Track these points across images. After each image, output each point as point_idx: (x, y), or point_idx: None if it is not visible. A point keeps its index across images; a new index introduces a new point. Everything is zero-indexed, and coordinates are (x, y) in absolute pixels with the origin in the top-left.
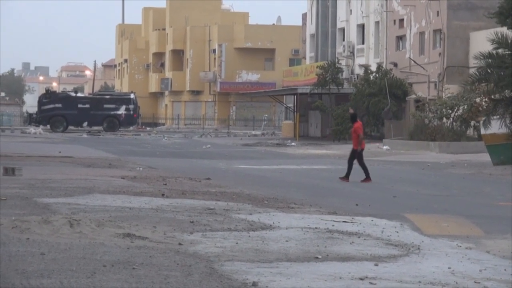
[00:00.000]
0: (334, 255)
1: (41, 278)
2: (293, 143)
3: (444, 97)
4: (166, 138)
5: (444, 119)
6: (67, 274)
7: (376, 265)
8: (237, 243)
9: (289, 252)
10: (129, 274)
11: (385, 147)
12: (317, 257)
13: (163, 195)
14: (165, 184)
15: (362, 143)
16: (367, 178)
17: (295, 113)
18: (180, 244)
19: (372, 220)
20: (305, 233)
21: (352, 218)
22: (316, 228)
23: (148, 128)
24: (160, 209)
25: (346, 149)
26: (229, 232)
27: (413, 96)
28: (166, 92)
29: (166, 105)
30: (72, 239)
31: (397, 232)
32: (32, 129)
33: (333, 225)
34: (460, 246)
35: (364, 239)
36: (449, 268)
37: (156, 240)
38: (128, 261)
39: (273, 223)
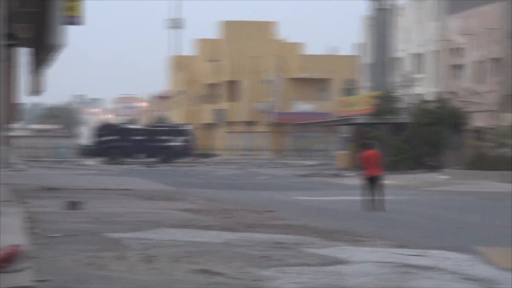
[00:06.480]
0: None
1: None
2: (350, 174)
3: (504, 126)
4: (222, 169)
5: (504, 148)
6: None
7: None
8: (314, 278)
9: None
10: None
11: (444, 177)
12: None
13: (230, 229)
14: (229, 217)
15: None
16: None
17: (351, 143)
18: (258, 280)
19: (443, 254)
20: (380, 267)
21: (424, 252)
22: (390, 262)
23: (203, 160)
24: (231, 243)
25: (404, 179)
26: (304, 267)
27: (472, 125)
28: (221, 123)
29: (221, 136)
30: (150, 276)
31: (472, 266)
32: (88, 161)
33: (406, 259)
34: None
35: (440, 273)
36: None
37: (233, 276)
38: None
39: (346, 257)
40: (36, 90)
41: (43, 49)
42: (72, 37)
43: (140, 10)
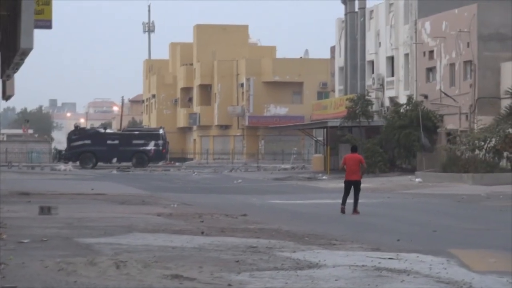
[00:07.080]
0: None
1: None
2: (324, 177)
3: (476, 129)
4: (196, 173)
5: (477, 151)
6: None
7: None
8: (286, 283)
9: None
10: None
11: (417, 180)
12: None
13: (202, 233)
14: (202, 221)
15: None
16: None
17: (325, 146)
18: (229, 285)
19: (417, 257)
20: (353, 271)
21: (397, 255)
22: (363, 266)
23: (177, 164)
24: (203, 248)
25: (377, 182)
26: (276, 271)
27: (444, 128)
28: (194, 127)
29: (194, 140)
30: (120, 281)
31: (445, 269)
32: (62, 166)
33: (379, 263)
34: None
35: (414, 277)
36: None
37: (204, 281)
38: None
39: (319, 261)
40: (6, 94)
41: (12, 53)
42: (47, 41)
43: (120, 14)
